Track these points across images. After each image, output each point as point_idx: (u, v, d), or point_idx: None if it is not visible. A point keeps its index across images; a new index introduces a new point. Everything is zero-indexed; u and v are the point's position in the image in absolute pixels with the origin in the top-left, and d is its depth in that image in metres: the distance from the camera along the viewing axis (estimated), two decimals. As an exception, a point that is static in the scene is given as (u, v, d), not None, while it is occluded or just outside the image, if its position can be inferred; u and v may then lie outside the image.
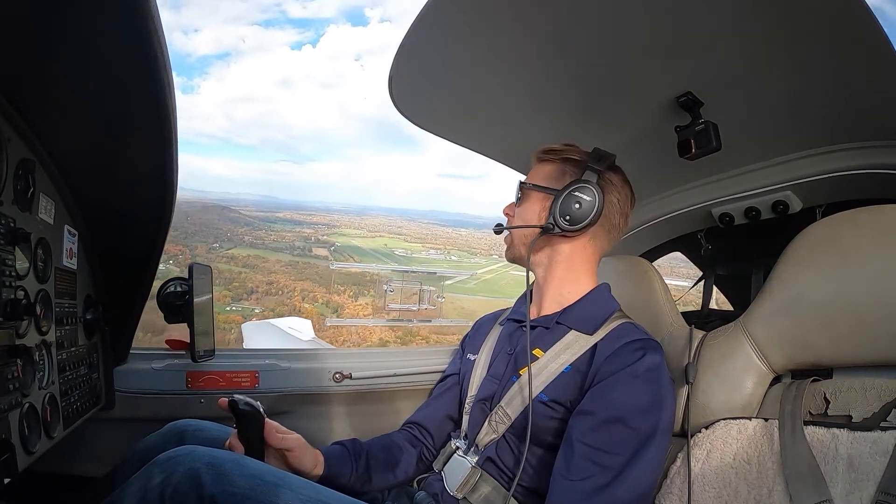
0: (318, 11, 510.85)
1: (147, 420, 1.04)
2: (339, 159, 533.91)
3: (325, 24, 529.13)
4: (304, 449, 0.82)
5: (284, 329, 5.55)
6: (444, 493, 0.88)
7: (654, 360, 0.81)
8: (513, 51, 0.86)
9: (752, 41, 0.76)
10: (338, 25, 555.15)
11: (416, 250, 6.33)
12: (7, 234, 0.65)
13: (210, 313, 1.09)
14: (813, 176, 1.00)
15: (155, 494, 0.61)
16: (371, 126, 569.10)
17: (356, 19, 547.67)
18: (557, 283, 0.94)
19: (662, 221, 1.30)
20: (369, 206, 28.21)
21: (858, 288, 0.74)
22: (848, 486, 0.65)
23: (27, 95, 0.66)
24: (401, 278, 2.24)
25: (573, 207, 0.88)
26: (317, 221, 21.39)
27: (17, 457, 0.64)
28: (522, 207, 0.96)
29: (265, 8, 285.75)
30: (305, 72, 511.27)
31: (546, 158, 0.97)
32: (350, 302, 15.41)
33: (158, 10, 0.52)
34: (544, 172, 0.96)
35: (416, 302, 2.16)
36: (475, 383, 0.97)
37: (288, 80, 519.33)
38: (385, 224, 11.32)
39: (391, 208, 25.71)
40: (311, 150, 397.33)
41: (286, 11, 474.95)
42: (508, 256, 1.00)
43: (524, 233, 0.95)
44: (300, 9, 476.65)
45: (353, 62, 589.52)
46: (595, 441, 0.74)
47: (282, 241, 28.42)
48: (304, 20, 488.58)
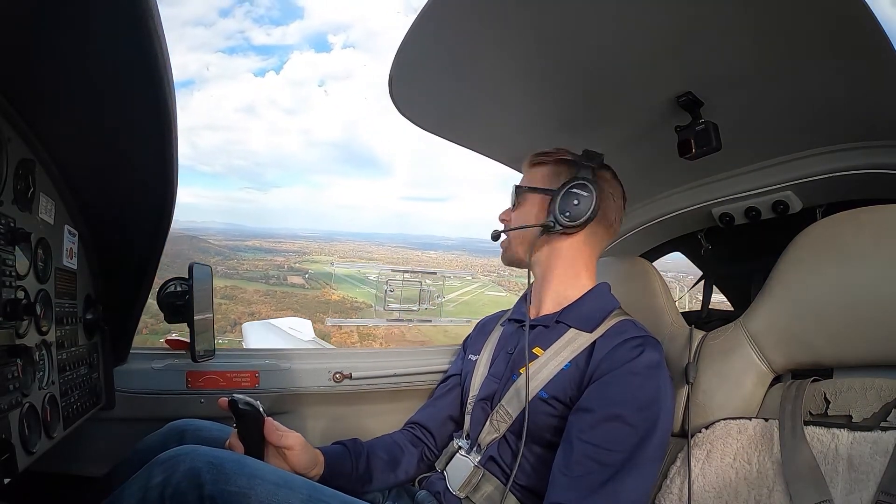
0: (282, 38, 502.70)
1: (147, 420, 1.04)
2: (303, 185, 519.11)
3: (288, 51, 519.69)
4: (304, 448, 0.82)
5: (285, 329, 5.55)
6: (447, 493, 0.88)
7: (653, 357, 0.81)
8: (513, 51, 0.86)
9: (752, 41, 0.76)
10: (301, 52, 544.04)
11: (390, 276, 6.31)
12: (7, 234, 0.65)
13: (210, 313, 1.09)
14: (813, 176, 1.00)
15: (155, 494, 0.61)
16: (335, 151, 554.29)
17: (320, 45, 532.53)
18: (557, 283, 0.95)
19: (662, 221, 1.30)
20: (336, 232, 28.26)
21: (859, 288, 0.74)
22: (848, 486, 0.65)
23: (27, 95, 0.66)
24: (401, 279, 2.24)
25: (572, 204, 0.89)
26: (286, 249, 21.11)
27: (17, 457, 0.63)
28: (520, 210, 0.97)
29: (229, 35, 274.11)
30: (269, 98, 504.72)
31: (539, 162, 0.99)
32: (335, 330, 15.44)
33: (158, 9, 0.52)
34: (539, 175, 0.97)
35: (417, 302, 2.16)
36: (476, 383, 0.97)
37: (252, 107, 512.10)
38: (355, 249, 11.18)
39: (358, 233, 25.69)
40: (275, 177, 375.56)
41: (250, 38, 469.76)
42: (506, 260, 1.01)
43: (523, 234, 0.95)
44: (264, 36, 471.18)
45: (316, 88, 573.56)
46: (594, 438, 0.75)
47: (255, 270, 28.09)
48: (268, 47, 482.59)
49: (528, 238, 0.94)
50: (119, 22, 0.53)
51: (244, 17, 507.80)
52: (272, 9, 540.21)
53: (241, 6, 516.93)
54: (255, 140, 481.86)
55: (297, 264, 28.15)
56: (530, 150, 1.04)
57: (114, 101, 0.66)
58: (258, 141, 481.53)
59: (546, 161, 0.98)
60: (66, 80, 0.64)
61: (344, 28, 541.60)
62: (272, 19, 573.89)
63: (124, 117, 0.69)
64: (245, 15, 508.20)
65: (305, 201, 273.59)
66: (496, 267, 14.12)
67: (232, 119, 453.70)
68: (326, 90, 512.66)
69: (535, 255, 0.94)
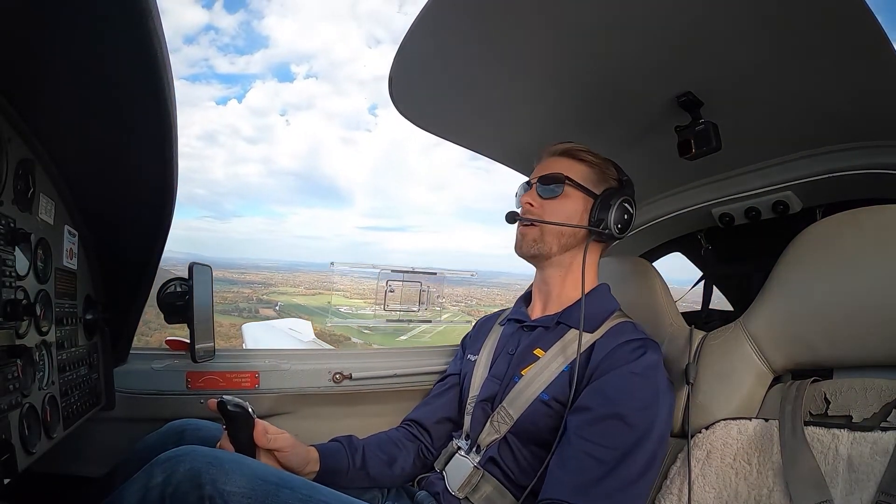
0: (246, 67, 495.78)
1: (147, 420, 1.04)
2: (263, 215, 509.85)
3: (252, 80, 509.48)
4: (295, 448, 0.82)
5: (284, 330, 5.55)
6: (446, 493, 0.88)
7: (653, 359, 0.81)
8: (513, 51, 0.86)
9: (752, 41, 0.76)
10: (264, 81, 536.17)
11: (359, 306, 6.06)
12: (7, 235, 0.65)
13: (210, 313, 1.08)
14: (813, 176, 1.00)
15: (155, 494, 0.61)
16: (296, 180, 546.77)
17: (283, 75, 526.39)
18: (566, 284, 0.95)
19: (662, 221, 1.30)
20: (298, 262, 27.61)
21: (858, 288, 0.74)
22: (848, 486, 0.65)
23: (27, 95, 0.66)
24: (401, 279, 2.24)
25: (624, 217, 0.91)
26: (251, 280, 20.58)
27: (17, 457, 0.63)
28: (563, 203, 0.93)
29: (193, 63, 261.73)
30: (231, 126, 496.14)
31: (580, 158, 0.95)
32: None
33: (158, 9, 0.52)
34: (581, 172, 0.94)
35: (417, 303, 2.16)
36: (476, 384, 0.97)
37: (213, 135, 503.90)
38: (320, 280, 10.86)
39: (320, 263, 25.30)
40: (235, 206, 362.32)
41: (214, 66, 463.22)
42: (531, 251, 0.94)
43: (562, 230, 0.92)
44: (228, 64, 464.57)
45: (278, 117, 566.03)
46: (591, 435, 0.75)
47: (226, 303, 27.57)
48: (232, 76, 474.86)
49: (569, 237, 0.93)
50: (119, 22, 0.53)
51: (209, 44, 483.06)
52: (237, 38, 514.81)
53: (207, 34, 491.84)
54: (215, 169, 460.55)
55: (266, 296, 27.81)
56: (530, 150, 1.04)
57: (114, 102, 0.66)
58: (219, 170, 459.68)
59: (587, 159, 0.95)
60: (67, 80, 0.64)
61: (307, 58, 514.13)
62: (237, 48, 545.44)
63: (124, 117, 0.69)
64: (210, 43, 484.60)
65: (266, 231, 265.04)
66: (463, 296, 13.91)
67: (193, 147, 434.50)
68: (288, 119, 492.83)
69: (562, 254, 0.94)
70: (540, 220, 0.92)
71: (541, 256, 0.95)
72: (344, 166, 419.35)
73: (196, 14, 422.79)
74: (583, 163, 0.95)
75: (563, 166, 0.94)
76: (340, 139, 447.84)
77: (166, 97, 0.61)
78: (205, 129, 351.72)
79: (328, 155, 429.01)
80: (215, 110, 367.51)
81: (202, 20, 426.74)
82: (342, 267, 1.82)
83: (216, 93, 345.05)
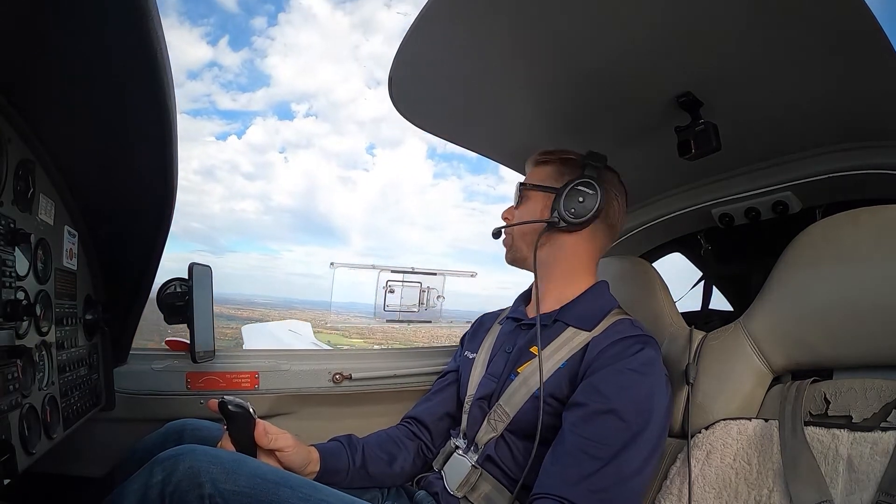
0: (248, 104, 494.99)
1: (147, 421, 1.04)
2: (257, 250, 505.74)
3: (252, 117, 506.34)
4: (296, 447, 0.82)
5: (284, 331, 5.54)
6: (444, 493, 0.88)
7: (650, 355, 0.81)
8: (513, 51, 0.86)
9: (751, 41, 0.76)
10: (265, 118, 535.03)
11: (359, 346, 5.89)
12: (7, 235, 0.65)
13: (210, 314, 1.09)
14: (813, 176, 1.00)
15: (156, 492, 0.61)
16: (292, 218, 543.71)
17: (283, 113, 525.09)
18: (558, 281, 0.95)
19: (662, 222, 1.30)
20: (293, 300, 27.47)
21: (858, 288, 0.74)
22: (848, 486, 0.65)
23: (27, 95, 0.66)
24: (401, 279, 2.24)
25: (577, 201, 0.90)
26: (247, 316, 20.07)
27: (17, 457, 0.63)
28: (523, 208, 0.98)
29: (196, 98, 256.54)
30: (230, 162, 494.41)
31: (543, 160, 1.00)
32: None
33: (158, 10, 0.52)
34: (543, 173, 0.98)
35: (417, 304, 2.16)
36: (474, 382, 0.97)
37: (211, 170, 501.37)
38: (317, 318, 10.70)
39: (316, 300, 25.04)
40: (231, 242, 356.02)
41: (216, 102, 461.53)
42: (510, 258, 1.01)
43: (525, 230, 0.96)
44: (230, 101, 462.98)
45: (277, 154, 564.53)
46: (586, 431, 0.75)
47: (226, 339, 27.05)
48: (234, 112, 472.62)
49: (532, 234, 0.94)
50: (119, 22, 0.53)
51: (212, 80, 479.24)
52: (240, 75, 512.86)
53: (210, 70, 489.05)
54: (212, 203, 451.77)
55: (267, 333, 27.00)
56: (530, 150, 1.04)
57: (114, 102, 0.66)
58: (216, 205, 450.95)
59: (550, 160, 0.99)
60: (67, 80, 0.64)
61: (308, 97, 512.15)
62: (240, 85, 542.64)
63: (124, 117, 0.69)
64: (213, 79, 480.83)
65: (260, 267, 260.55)
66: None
67: (191, 181, 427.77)
68: (287, 157, 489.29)
69: (538, 252, 0.94)
70: (505, 226, 1.00)
71: (519, 260, 1.00)
72: (340, 205, 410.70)
73: (201, 50, 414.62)
74: (544, 164, 0.99)
75: (534, 173, 1.00)
76: (338, 178, 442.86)
77: (166, 97, 0.61)
78: (203, 164, 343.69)
79: (325, 193, 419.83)
80: (215, 145, 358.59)
81: (207, 56, 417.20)
82: (343, 267, 1.82)
83: (216, 128, 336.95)
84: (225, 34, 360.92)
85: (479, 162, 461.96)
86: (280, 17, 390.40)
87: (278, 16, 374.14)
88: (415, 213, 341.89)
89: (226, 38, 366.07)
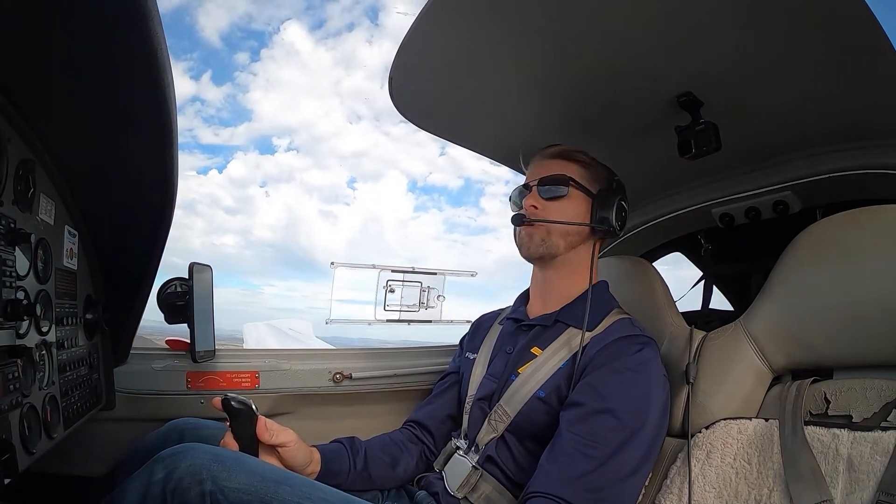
0: (230, 139, 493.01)
1: (147, 420, 1.04)
2: (238, 285, 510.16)
3: (233, 151, 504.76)
4: (298, 445, 0.82)
5: (284, 331, 5.54)
6: (445, 493, 0.88)
7: (648, 355, 0.81)
8: (513, 51, 0.86)
9: (752, 41, 0.76)
10: (246, 153, 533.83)
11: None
12: (7, 235, 0.65)
13: (210, 314, 1.09)
14: (813, 176, 1.00)
15: (157, 490, 0.61)
16: (274, 252, 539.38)
17: (264, 147, 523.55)
18: (565, 281, 0.95)
19: (662, 221, 1.30)
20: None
21: (858, 288, 0.74)
22: (848, 486, 0.65)
23: (27, 95, 0.66)
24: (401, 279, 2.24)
25: (622, 215, 0.93)
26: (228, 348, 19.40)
27: (18, 457, 0.63)
28: (566, 203, 0.93)
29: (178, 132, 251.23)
30: (210, 196, 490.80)
31: (575, 159, 0.96)
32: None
33: (158, 9, 0.52)
34: (578, 172, 0.95)
35: (417, 303, 2.16)
36: (475, 382, 0.97)
37: (192, 204, 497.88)
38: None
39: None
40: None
41: (198, 137, 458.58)
42: (538, 251, 0.94)
43: (571, 231, 0.93)
44: (212, 135, 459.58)
45: (258, 188, 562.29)
46: (582, 430, 0.75)
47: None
48: (215, 146, 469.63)
49: (576, 236, 0.94)
50: (119, 22, 0.53)
51: (195, 115, 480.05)
52: (223, 109, 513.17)
53: (193, 105, 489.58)
54: (192, 238, 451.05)
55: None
56: (530, 150, 1.04)
57: (114, 102, 0.66)
58: (196, 239, 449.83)
59: (582, 160, 0.96)
60: (67, 80, 0.64)
61: (289, 132, 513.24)
62: (222, 120, 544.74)
63: (124, 117, 0.69)
64: (196, 113, 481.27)
65: (241, 302, 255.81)
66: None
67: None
68: (268, 191, 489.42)
69: (567, 253, 0.94)
70: (550, 221, 0.93)
71: (548, 256, 0.94)
72: (321, 239, 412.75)
73: (185, 85, 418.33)
74: (579, 164, 0.96)
75: (563, 168, 0.95)
76: (319, 212, 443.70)
77: (167, 98, 0.61)
78: (184, 198, 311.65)
79: (306, 227, 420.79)
80: (196, 179, 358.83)
81: (190, 91, 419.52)
82: (343, 266, 1.82)
83: (198, 162, 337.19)
84: (208, 69, 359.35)
85: (459, 194, 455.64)
86: (263, 53, 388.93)
87: (261, 51, 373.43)
88: (396, 246, 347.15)
89: (209, 73, 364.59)
